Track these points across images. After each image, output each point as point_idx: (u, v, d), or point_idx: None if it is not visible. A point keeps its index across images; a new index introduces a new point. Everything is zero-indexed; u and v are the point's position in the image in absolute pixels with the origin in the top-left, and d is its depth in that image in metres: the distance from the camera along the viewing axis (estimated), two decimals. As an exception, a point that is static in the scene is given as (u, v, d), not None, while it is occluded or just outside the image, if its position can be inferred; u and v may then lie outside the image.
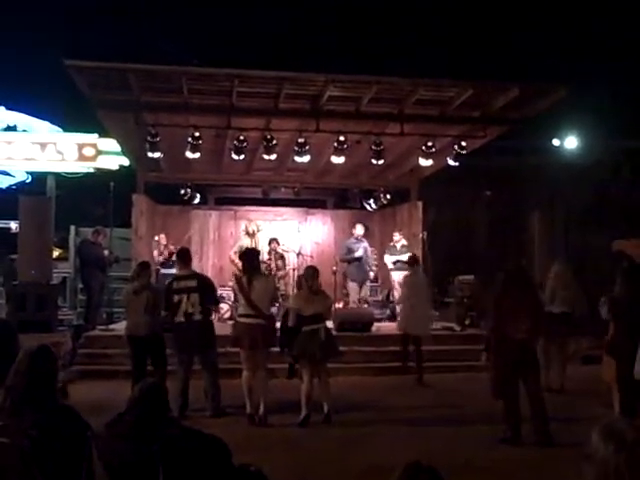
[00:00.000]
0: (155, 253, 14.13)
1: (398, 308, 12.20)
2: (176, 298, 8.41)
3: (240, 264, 13.43)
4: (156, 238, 14.50)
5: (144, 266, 9.35)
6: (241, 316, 8.28)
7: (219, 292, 14.00)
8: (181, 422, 3.34)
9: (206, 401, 8.36)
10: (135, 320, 8.70)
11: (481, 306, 11.88)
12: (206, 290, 8.62)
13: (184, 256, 9.06)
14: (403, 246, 14.33)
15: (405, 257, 12.49)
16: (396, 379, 10.57)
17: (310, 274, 8.40)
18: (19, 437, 3.16)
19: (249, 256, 8.75)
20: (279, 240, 14.52)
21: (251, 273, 8.32)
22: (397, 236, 14.69)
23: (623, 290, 7.10)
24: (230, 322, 11.50)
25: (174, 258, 11.18)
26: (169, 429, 3.14)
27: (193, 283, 8.53)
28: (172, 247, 13.75)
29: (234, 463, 3.18)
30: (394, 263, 14.11)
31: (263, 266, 12.12)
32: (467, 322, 13.17)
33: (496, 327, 7.26)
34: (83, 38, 20.91)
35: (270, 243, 14.26)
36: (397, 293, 13.47)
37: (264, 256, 13.38)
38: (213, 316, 10.86)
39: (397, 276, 13.65)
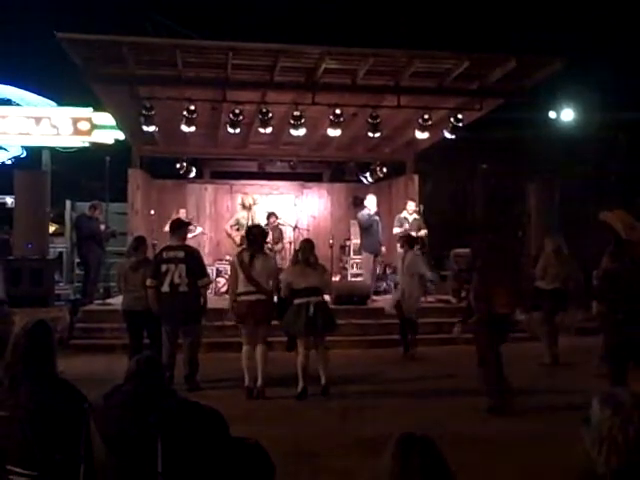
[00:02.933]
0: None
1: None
2: (164, 268, 8.34)
3: (236, 237, 13.58)
4: (182, 212, 14.20)
5: (140, 241, 9.32)
6: (242, 294, 8.13)
7: (216, 266, 14.10)
8: (178, 394, 3.34)
9: (183, 374, 8.32)
10: (132, 295, 8.69)
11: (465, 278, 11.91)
12: (193, 262, 8.52)
13: (177, 227, 9.03)
14: (415, 220, 13.38)
15: (420, 233, 12.42)
16: (392, 351, 10.61)
17: (305, 247, 8.38)
18: (17, 410, 3.18)
19: (256, 235, 8.62)
20: (277, 214, 14.48)
21: (255, 250, 8.28)
22: (411, 205, 13.59)
23: (611, 265, 7.14)
24: (227, 296, 11.51)
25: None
26: (167, 400, 3.15)
27: (181, 254, 8.47)
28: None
29: (232, 435, 3.20)
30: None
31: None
32: (463, 294, 13.18)
33: (478, 299, 7.39)
34: (77, 10, 20.70)
35: (269, 217, 14.20)
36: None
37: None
38: (210, 291, 10.88)
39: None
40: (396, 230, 13.30)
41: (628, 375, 6.76)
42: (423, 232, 13.07)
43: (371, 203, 13.76)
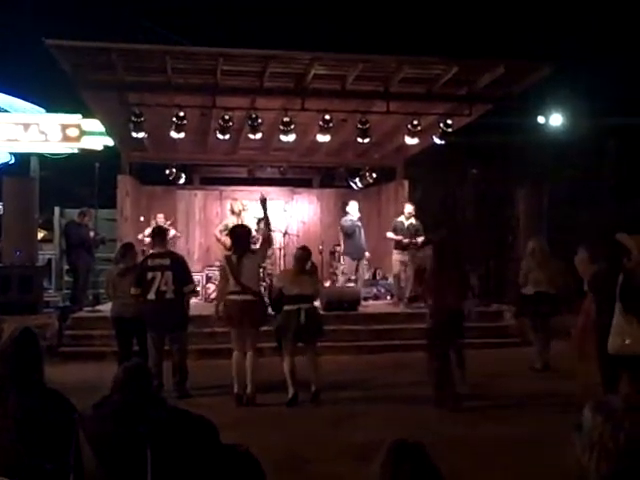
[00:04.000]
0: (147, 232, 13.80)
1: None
2: (150, 275, 8.33)
3: (226, 242, 13.53)
4: (160, 217, 14.20)
5: (128, 247, 9.29)
6: (231, 293, 8.13)
7: (206, 272, 14.07)
8: (167, 403, 3.32)
9: (173, 382, 8.30)
10: (121, 302, 8.66)
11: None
12: (179, 269, 8.53)
13: (160, 234, 9.02)
14: (412, 225, 13.16)
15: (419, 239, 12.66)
16: (383, 357, 10.61)
17: (299, 255, 8.39)
18: (5, 419, 3.16)
19: (240, 234, 8.62)
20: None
21: (242, 251, 8.27)
22: (408, 208, 13.32)
23: (603, 266, 7.18)
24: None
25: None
26: (156, 409, 3.13)
27: (167, 262, 8.46)
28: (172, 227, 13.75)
29: (222, 443, 3.19)
30: (397, 243, 13.11)
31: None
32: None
33: (431, 297, 8.12)
34: (66, 17, 20.67)
35: (258, 223, 14.17)
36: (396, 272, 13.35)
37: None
38: (200, 297, 10.88)
39: (398, 257, 13.13)
40: (389, 234, 13.33)
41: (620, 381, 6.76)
42: (420, 239, 13.02)
43: (353, 209, 13.86)
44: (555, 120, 19.37)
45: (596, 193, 18.27)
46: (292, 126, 11.51)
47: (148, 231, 13.55)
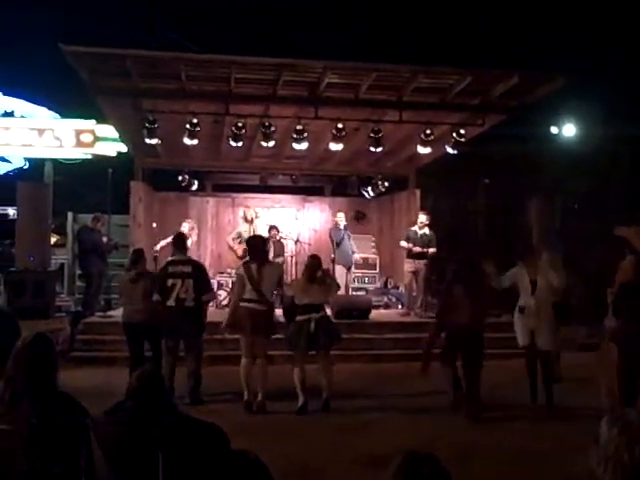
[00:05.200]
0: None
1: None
2: (170, 282, 8.36)
3: (238, 250, 13.57)
4: (184, 225, 14.05)
5: (139, 253, 9.31)
6: (244, 301, 8.14)
7: (217, 279, 14.09)
8: (179, 409, 3.33)
9: (187, 387, 8.33)
10: (132, 308, 8.68)
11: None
12: (200, 277, 8.58)
13: (180, 241, 9.05)
14: (425, 235, 13.17)
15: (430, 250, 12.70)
16: (394, 366, 10.58)
17: (309, 264, 8.40)
18: (18, 424, 3.17)
19: (257, 244, 8.65)
20: (279, 228, 14.50)
21: (261, 260, 8.29)
22: (422, 218, 13.30)
23: (634, 278, 7.15)
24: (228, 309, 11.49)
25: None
26: (168, 416, 3.14)
27: (188, 269, 8.49)
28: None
29: (232, 450, 3.18)
30: (409, 252, 13.15)
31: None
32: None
33: (439, 312, 8.36)
34: (81, 23, 20.81)
35: (270, 230, 14.21)
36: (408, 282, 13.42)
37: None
38: (212, 304, 10.88)
39: (409, 266, 13.15)
40: (403, 243, 13.37)
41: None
42: (432, 250, 13.04)
43: (341, 219, 14.36)
44: (568, 130, 19.33)
45: (609, 203, 18.18)
46: (305, 134, 11.53)
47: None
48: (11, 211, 16.48)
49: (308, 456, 6.25)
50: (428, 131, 11.74)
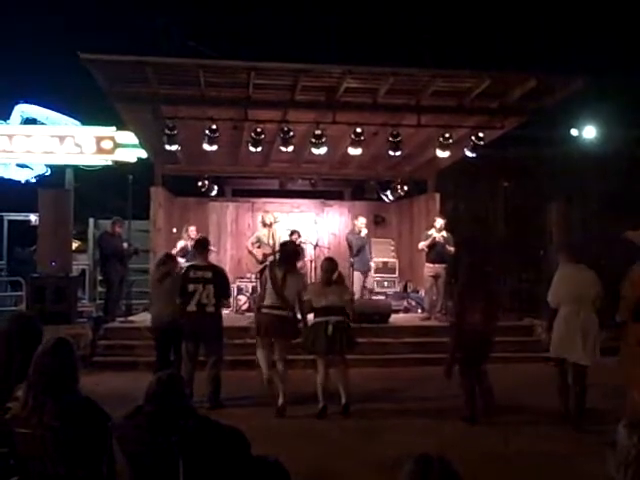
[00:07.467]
0: (182, 244, 13.81)
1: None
2: (191, 287, 8.41)
3: (258, 254, 13.61)
4: (191, 229, 14.25)
5: (169, 256, 9.42)
6: (266, 307, 8.16)
7: (237, 284, 14.13)
8: (198, 413, 3.36)
9: (207, 392, 8.34)
10: (158, 308, 8.74)
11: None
12: (221, 283, 8.63)
13: (203, 245, 9.09)
14: (443, 237, 13.13)
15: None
16: (413, 370, 10.56)
17: (326, 267, 8.39)
18: (40, 428, 3.21)
19: (290, 252, 8.66)
20: (300, 232, 14.52)
21: (288, 267, 8.31)
22: (439, 222, 13.36)
23: None
24: (248, 314, 11.53)
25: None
26: (188, 420, 3.17)
27: (209, 274, 8.54)
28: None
29: (252, 454, 3.21)
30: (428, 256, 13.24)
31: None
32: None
33: (457, 316, 8.03)
34: (100, 31, 21.00)
35: (291, 235, 14.22)
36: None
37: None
38: (231, 308, 10.95)
39: (430, 271, 13.20)
40: (421, 245, 13.39)
41: None
42: (450, 249, 13.03)
43: (362, 225, 14.19)
44: (588, 132, 19.20)
45: (630, 206, 18.04)
46: (323, 139, 11.56)
47: (181, 244, 13.66)
48: (33, 217, 16.58)
49: (328, 459, 6.26)
50: (447, 135, 11.72)
